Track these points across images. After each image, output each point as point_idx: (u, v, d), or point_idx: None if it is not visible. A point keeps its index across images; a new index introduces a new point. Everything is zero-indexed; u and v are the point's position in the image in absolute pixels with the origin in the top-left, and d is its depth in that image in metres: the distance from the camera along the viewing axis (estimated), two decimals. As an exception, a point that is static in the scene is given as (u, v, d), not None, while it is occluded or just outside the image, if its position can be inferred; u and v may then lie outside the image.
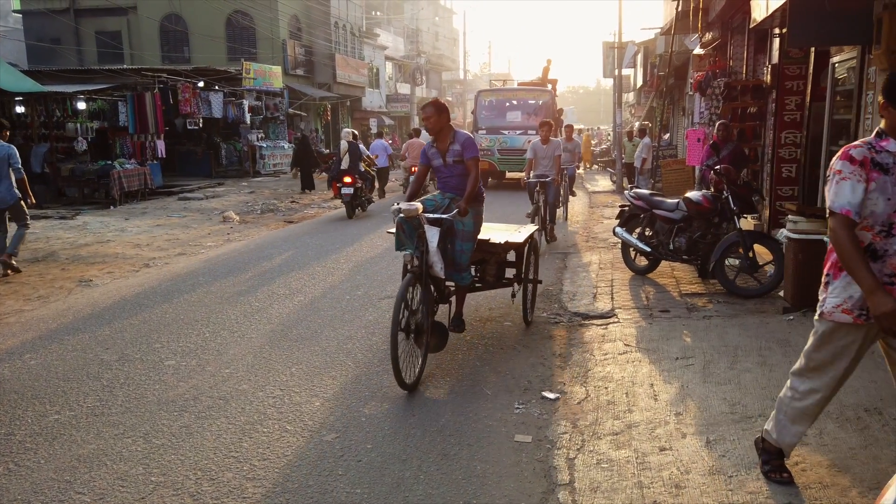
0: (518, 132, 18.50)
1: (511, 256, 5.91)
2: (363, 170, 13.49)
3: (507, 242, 5.46)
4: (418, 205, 4.60)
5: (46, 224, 12.28)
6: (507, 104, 19.84)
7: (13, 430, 3.88)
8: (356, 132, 16.80)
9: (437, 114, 4.94)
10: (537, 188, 9.67)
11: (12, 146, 8.30)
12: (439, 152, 5.04)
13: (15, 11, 32.73)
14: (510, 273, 6.00)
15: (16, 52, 26.50)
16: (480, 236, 5.21)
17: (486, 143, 18.43)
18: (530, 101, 19.65)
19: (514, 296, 5.84)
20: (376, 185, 15.26)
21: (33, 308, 6.69)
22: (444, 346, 4.87)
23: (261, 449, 3.65)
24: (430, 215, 4.66)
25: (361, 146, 14.03)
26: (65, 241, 10.49)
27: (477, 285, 5.54)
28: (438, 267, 4.58)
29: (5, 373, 4.81)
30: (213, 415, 4.08)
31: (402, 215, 4.54)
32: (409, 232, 4.67)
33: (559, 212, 12.14)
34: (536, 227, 6.58)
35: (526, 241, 5.72)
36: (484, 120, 19.43)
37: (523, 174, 10.12)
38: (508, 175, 19.57)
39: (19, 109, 16.49)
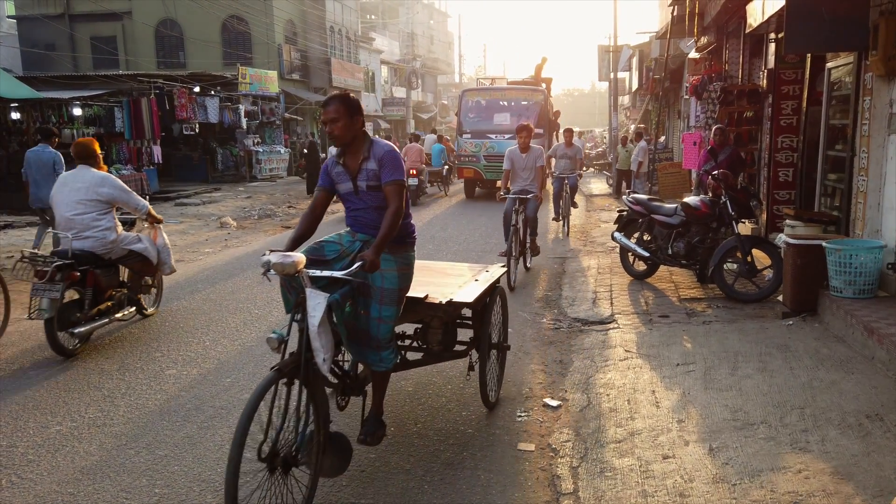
0: (507, 136, 16.30)
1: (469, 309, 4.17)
2: None
3: (451, 303, 3.77)
4: (298, 256, 2.97)
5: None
6: (495, 105, 17.99)
7: (15, 442, 3.87)
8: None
9: (345, 115, 3.29)
10: (516, 207, 7.70)
11: (58, 153, 9.06)
12: (348, 172, 3.43)
13: (9, 17, 32.69)
14: (469, 330, 4.32)
15: (10, 58, 26.45)
16: (418, 287, 3.81)
17: (471, 148, 17.10)
18: (521, 102, 17.85)
19: (471, 368, 4.22)
20: None
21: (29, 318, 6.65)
22: (345, 468, 3.26)
23: (264, 459, 3.64)
24: (319, 272, 3.10)
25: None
26: (62, 249, 10.44)
27: (411, 361, 3.98)
28: (321, 357, 2.96)
29: (6, 383, 4.80)
30: (215, 425, 4.07)
31: (272, 272, 2.98)
32: (296, 295, 3.14)
33: (558, 226, 11.92)
34: (504, 268, 4.84)
35: (485, 294, 4.09)
36: (469, 123, 17.74)
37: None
38: (498, 184, 19.19)
39: (15, 116, 16.44)
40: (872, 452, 3.41)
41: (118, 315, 5.82)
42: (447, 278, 4.35)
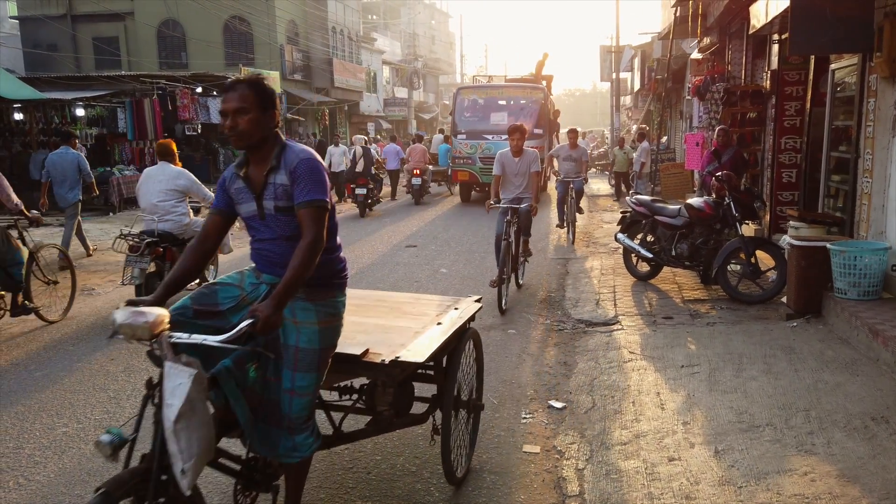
0: (504, 137, 16.29)
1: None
2: (374, 172, 14.99)
3: (396, 363, 2.79)
4: (156, 313, 2.16)
5: (47, 231, 12.24)
6: (492, 104, 16.93)
7: (21, 444, 3.88)
8: (367, 137, 17.73)
9: (255, 106, 2.49)
10: (508, 218, 6.75)
11: (80, 153, 9.63)
12: (250, 187, 2.59)
13: (11, 17, 32.75)
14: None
15: (13, 59, 26.48)
16: (361, 334, 3.03)
17: (466, 149, 16.11)
18: (520, 101, 16.77)
19: (436, 432, 3.27)
20: (383, 187, 16.92)
21: (36, 318, 6.67)
22: None
23: (270, 461, 3.64)
24: (186, 338, 2.26)
25: (373, 149, 15.88)
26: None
27: (348, 433, 3.11)
28: (179, 467, 2.12)
29: (11, 385, 4.81)
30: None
31: (119, 335, 2.19)
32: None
33: (563, 234, 11.26)
34: (479, 304, 3.74)
35: (449, 342, 3.15)
36: (464, 122, 16.69)
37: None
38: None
39: (18, 116, 16.47)
40: (878, 455, 3.41)
41: (188, 286, 5.96)
42: (402, 319, 3.39)
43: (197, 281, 6.05)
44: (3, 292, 6.00)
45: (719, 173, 7.10)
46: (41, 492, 3.36)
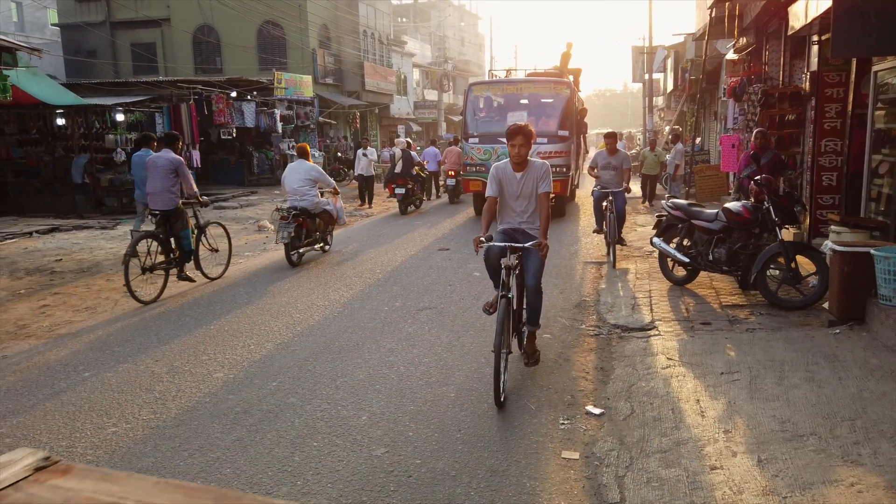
0: None
1: None
2: (415, 173, 15.80)
3: None
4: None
5: (89, 234, 12.59)
6: (510, 102, 14.61)
7: (74, 443, 4.01)
8: (409, 140, 18.87)
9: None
10: (509, 263, 4.72)
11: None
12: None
13: (53, 25, 33.67)
14: None
15: (54, 65, 27.21)
16: None
17: (479, 155, 13.80)
18: (542, 98, 14.42)
19: None
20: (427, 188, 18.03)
21: (83, 319, 6.88)
22: None
23: (313, 463, 3.72)
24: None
25: (413, 153, 16.55)
26: (108, 252, 10.75)
27: None
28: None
29: (62, 385, 4.97)
30: (263, 428, 4.16)
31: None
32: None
33: (600, 239, 9.98)
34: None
35: None
36: (477, 124, 14.26)
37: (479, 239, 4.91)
38: None
39: (60, 122, 16.92)
40: (928, 467, 3.35)
41: (316, 246, 9.91)
42: None
43: (321, 244, 9.99)
44: (172, 259, 7.87)
45: (758, 177, 7.01)
46: (94, 490, 3.47)
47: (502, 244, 4.85)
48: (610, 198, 9.25)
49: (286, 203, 9.37)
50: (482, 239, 4.78)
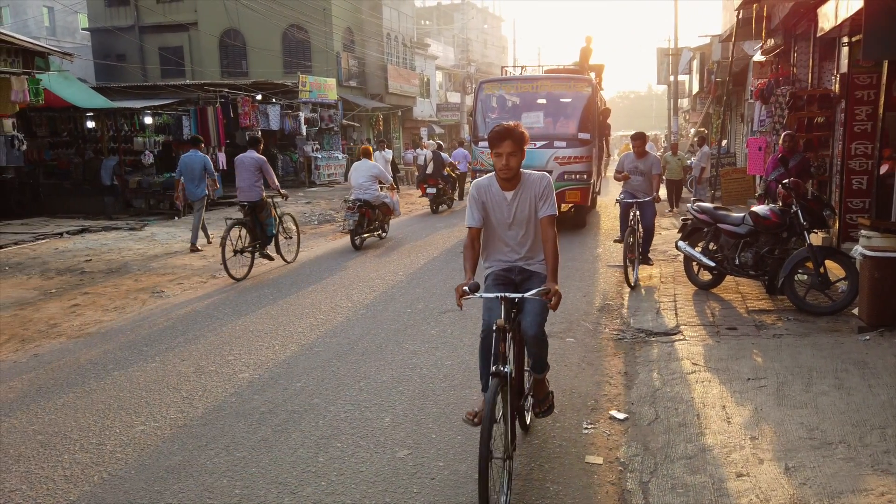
0: (539, 144, 11.87)
1: None
2: (446, 174, 16.64)
3: None
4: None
5: (118, 235, 12.81)
6: (525, 101, 13.15)
7: (103, 440, 4.09)
8: (441, 142, 19.38)
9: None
10: (502, 320, 3.43)
11: (206, 156, 11.37)
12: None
13: (83, 29, 34.34)
14: None
15: (84, 69, 27.77)
16: None
17: (489, 160, 10.98)
18: (561, 97, 13.06)
19: None
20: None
21: (112, 319, 7.01)
22: None
23: (336, 464, 3.75)
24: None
25: (444, 154, 17.24)
26: (136, 253, 10.93)
27: None
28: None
29: (92, 383, 5.07)
30: (288, 428, 4.21)
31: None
32: None
33: (620, 250, 8.86)
34: None
35: None
36: (488, 125, 12.53)
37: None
38: None
39: (90, 124, 17.26)
40: (962, 477, 3.27)
41: (376, 234, 11.45)
42: None
43: (379, 231, 11.54)
44: (257, 243, 9.15)
45: (786, 180, 6.91)
46: (123, 487, 3.54)
47: (493, 295, 3.53)
48: (635, 209, 8.21)
49: (352, 196, 10.88)
50: (465, 288, 3.42)
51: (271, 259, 9.47)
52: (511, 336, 3.53)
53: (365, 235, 11.08)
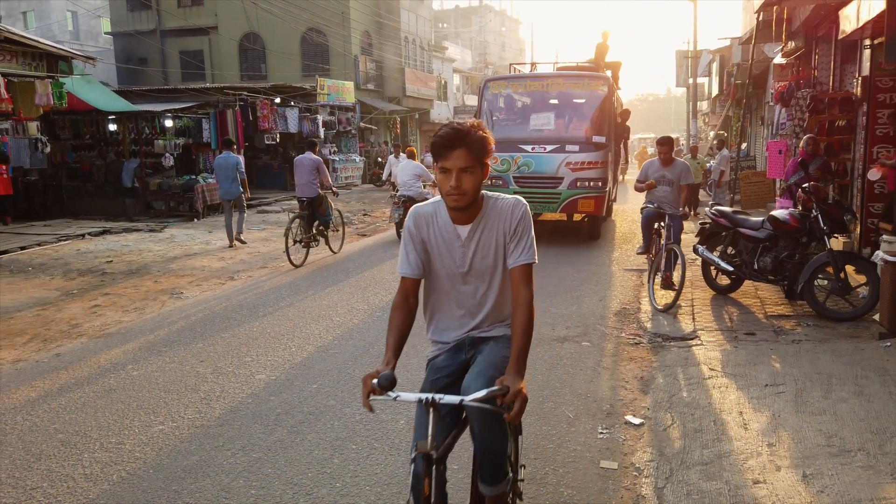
0: (550, 147, 11.22)
1: None
2: None
3: None
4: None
5: (138, 237, 12.97)
6: (535, 101, 12.17)
7: (122, 440, 4.15)
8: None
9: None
10: (424, 445, 2.23)
11: (240, 157, 12.13)
12: None
13: (106, 33, 34.85)
14: None
15: (107, 72, 28.18)
16: None
17: (494, 165, 10.93)
18: (574, 96, 12.05)
19: None
20: None
21: (131, 319, 7.10)
22: None
23: (351, 466, 3.77)
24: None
25: None
26: (155, 254, 11.07)
27: None
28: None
29: (112, 383, 5.14)
30: (304, 430, 4.24)
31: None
32: None
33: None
34: None
35: None
36: (494, 128, 11.53)
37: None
38: (546, 216, 13.42)
39: (112, 127, 17.50)
40: (984, 487, 3.22)
41: None
42: None
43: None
44: (316, 232, 10.49)
45: (806, 184, 6.84)
46: (141, 486, 3.58)
47: (414, 397, 2.31)
48: (662, 225, 7.53)
49: (398, 192, 12.07)
50: (374, 382, 2.25)
51: (326, 239, 10.82)
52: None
53: None
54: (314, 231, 10.50)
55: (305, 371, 5.32)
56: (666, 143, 7.77)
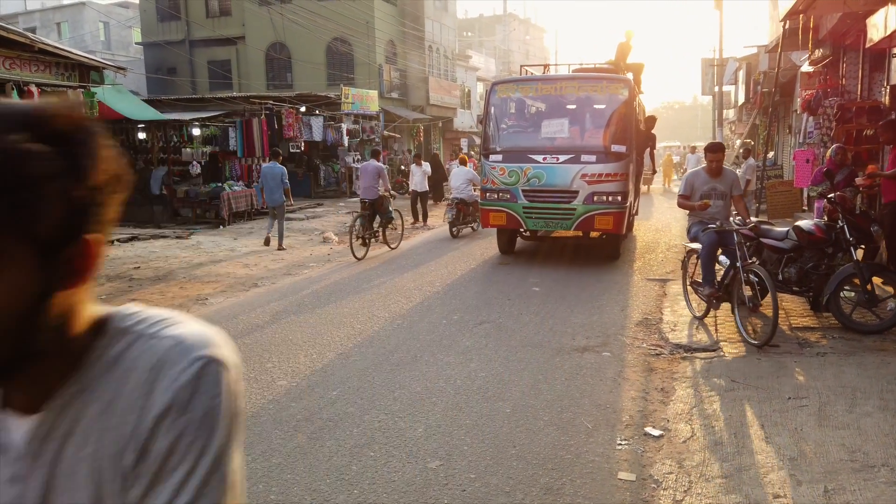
0: (563, 158, 10.15)
1: None
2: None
3: None
4: None
5: (165, 243, 13.21)
6: (548, 106, 11.17)
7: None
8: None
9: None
10: None
11: (283, 167, 12.58)
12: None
13: (137, 43, 35.60)
14: None
15: (137, 82, 28.77)
16: None
17: (501, 177, 10.23)
18: (591, 100, 10.88)
19: None
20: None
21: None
22: None
23: (369, 473, 3.80)
24: None
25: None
26: (182, 261, 11.25)
27: None
28: None
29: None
30: (323, 436, 4.28)
31: None
32: None
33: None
34: None
35: None
36: (501, 136, 10.86)
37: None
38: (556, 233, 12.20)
39: (141, 136, 17.86)
40: None
41: (470, 226, 14.12)
42: None
43: (472, 224, 14.26)
44: (378, 229, 11.96)
45: (831, 195, 6.75)
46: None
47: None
48: (726, 249, 6.54)
49: (451, 195, 13.66)
50: None
51: (385, 236, 12.12)
52: None
53: (459, 227, 13.70)
54: (374, 228, 11.89)
55: (326, 378, 5.37)
56: (716, 150, 6.84)
